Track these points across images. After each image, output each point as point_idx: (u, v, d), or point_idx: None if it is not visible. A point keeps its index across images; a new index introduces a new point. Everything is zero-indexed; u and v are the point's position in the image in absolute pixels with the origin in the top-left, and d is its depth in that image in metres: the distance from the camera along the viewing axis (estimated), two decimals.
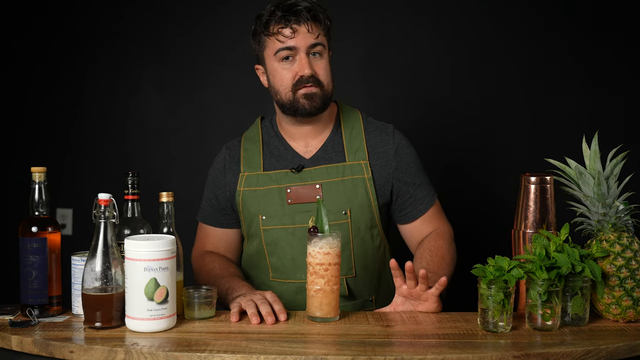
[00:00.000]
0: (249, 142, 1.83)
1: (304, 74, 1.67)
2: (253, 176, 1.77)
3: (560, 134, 2.65)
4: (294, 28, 1.67)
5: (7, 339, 1.36)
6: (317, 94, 1.69)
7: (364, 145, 1.78)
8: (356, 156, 1.76)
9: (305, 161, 1.77)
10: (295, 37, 1.67)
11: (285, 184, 1.74)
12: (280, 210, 1.73)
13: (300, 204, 1.72)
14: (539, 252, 1.42)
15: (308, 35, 1.67)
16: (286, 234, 1.73)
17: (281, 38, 1.67)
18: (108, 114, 2.83)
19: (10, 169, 2.84)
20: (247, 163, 1.79)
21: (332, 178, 1.73)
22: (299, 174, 1.74)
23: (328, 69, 1.72)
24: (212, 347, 1.29)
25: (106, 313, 1.40)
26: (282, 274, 1.75)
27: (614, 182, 1.50)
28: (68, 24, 2.81)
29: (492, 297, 1.39)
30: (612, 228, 1.49)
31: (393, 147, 1.79)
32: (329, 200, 1.72)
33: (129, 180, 1.55)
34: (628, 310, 1.45)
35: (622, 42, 2.66)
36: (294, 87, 1.69)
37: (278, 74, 1.71)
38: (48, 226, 1.50)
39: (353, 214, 1.73)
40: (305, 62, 1.67)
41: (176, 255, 1.44)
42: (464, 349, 1.28)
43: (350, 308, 1.73)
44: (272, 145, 1.81)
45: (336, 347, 1.30)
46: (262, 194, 1.75)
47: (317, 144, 1.80)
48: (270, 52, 1.71)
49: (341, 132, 1.80)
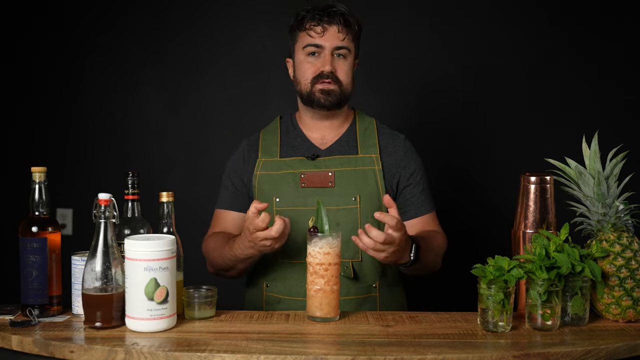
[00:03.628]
0: (268, 134, 1.94)
1: (325, 70, 1.81)
2: (269, 162, 1.87)
3: (560, 134, 2.66)
4: (324, 27, 1.81)
5: (7, 339, 1.36)
6: (334, 91, 1.82)
7: (376, 143, 1.88)
8: (368, 150, 1.87)
9: (320, 151, 1.88)
10: (324, 36, 1.81)
11: (300, 170, 1.83)
12: (294, 193, 1.82)
13: (313, 187, 1.81)
14: (538, 252, 1.43)
15: (336, 36, 1.81)
16: (298, 216, 1.78)
17: (312, 34, 1.82)
18: (108, 113, 2.83)
19: (9, 169, 2.84)
20: (265, 150, 1.90)
21: (345, 167, 1.83)
22: (313, 161, 1.84)
23: (349, 71, 1.85)
24: (212, 347, 1.29)
25: (106, 313, 1.40)
26: (291, 255, 1.79)
27: (614, 182, 1.50)
28: (67, 23, 2.81)
29: (492, 297, 1.39)
30: (612, 228, 1.49)
31: (403, 151, 1.90)
32: (341, 186, 1.81)
33: (129, 180, 1.56)
34: (628, 310, 1.46)
35: (623, 42, 2.66)
36: (314, 81, 1.82)
37: (302, 66, 1.85)
38: (48, 226, 1.50)
39: (362, 201, 1.81)
40: (328, 59, 1.81)
41: (176, 255, 1.44)
42: (464, 348, 1.29)
43: (355, 291, 1.79)
44: (290, 137, 1.92)
45: (336, 347, 1.31)
46: (277, 178, 1.84)
47: (333, 137, 1.90)
48: (300, 45, 1.84)
49: (356, 130, 1.92)
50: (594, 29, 2.67)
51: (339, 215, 1.79)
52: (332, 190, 1.80)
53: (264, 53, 2.74)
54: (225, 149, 2.23)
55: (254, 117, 2.72)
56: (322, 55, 1.81)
